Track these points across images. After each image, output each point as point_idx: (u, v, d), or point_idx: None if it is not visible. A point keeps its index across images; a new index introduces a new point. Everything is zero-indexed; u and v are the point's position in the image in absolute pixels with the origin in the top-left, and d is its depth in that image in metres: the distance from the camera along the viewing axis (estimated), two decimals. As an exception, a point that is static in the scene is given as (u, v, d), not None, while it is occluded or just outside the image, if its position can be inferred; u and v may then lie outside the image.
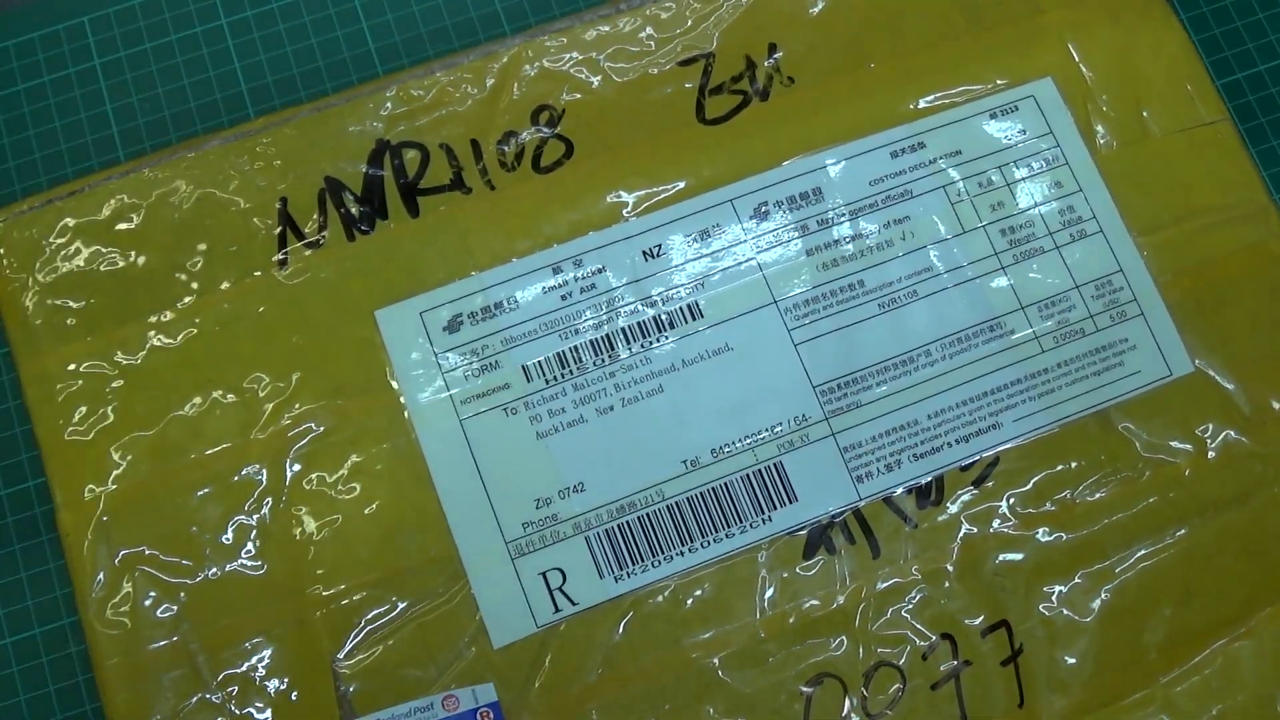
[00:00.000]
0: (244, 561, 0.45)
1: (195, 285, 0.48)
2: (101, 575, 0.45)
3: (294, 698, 0.44)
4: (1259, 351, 0.49)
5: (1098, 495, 0.47)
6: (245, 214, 0.48)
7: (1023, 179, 0.50)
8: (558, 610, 0.45)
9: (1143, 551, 0.47)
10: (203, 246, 0.48)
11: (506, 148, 0.49)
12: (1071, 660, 0.46)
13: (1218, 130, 0.50)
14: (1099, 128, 0.50)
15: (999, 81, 0.51)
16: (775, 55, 0.51)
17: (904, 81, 0.51)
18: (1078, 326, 0.49)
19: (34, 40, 0.57)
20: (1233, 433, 0.48)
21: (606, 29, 0.51)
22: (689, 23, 0.51)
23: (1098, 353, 0.48)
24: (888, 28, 0.51)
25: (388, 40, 0.56)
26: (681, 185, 0.49)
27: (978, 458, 0.47)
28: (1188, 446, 0.48)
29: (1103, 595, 0.47)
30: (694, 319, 0.48)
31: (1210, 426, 0.48)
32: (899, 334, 0.48)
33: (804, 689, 0.45)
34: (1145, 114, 0.50)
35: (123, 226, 0.48)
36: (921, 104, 0.51)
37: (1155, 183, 0.50)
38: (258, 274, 0.48)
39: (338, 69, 0.56)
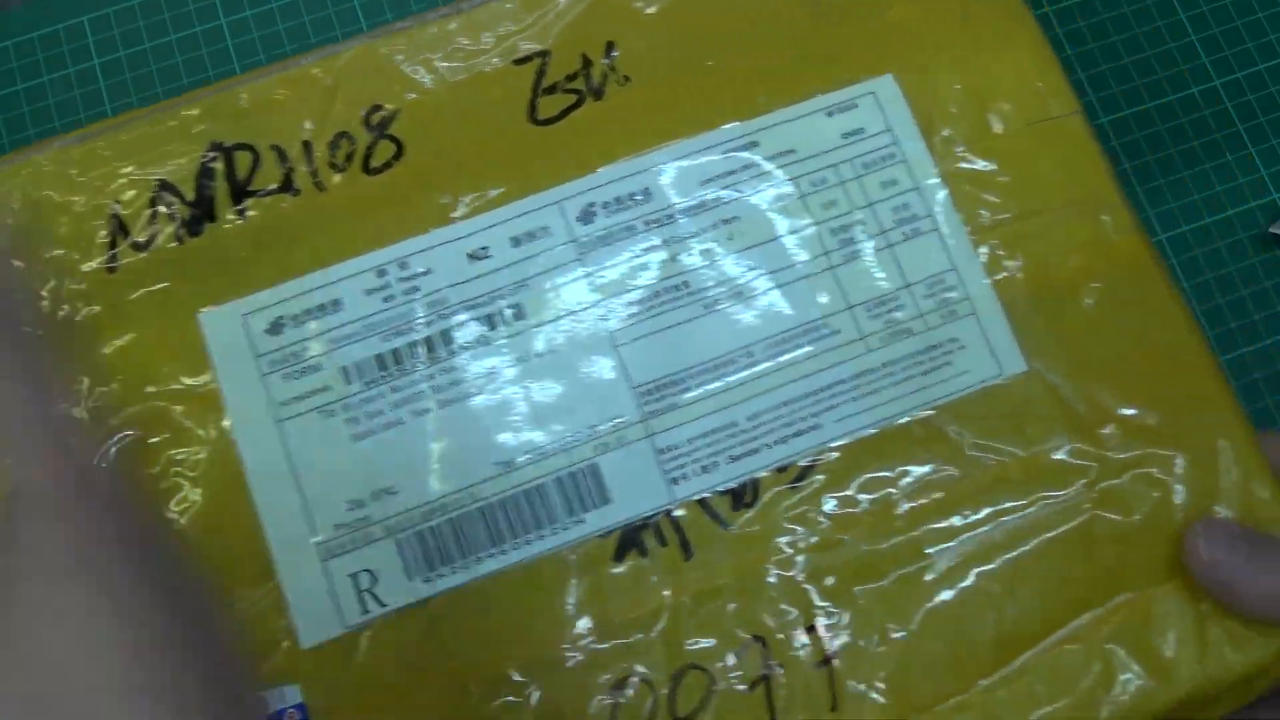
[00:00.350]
0: None
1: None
2: None
3: None
4: (1097, 351, 0.47)
5: (920, 498, 0.46)
6: (79, 217, 0.49)
7: (857, 177, 0.49)
8: (366, 611, 0.45)
9: (965, 554, 0.45)
10: (34, 249, 0.49)
11: (338, 149, 0.49)
12: (888, 664, 0.45)
13: (1068, 124, 0.49)
14: (941, 125, 0.49)
15: (841, 79, 0.50)
16: (613, 54, 0.50)
17: (742, 79, 0.50)
18: (906, 326, 0.48)
19: (34, 40, 0.58)
20: (1065, 434, 0.46)
21: (447, 28, 0.51)
22: (527, 21, 0.51)
23: (926, 352, 0.47)
24: (729, 25, 0.51)
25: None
26: (510, 187, 0.49)
27: (795, 460, 0.46)
28: (1016, 449, 0.46)
29: (922, 598, 0.45)
30: (516, 321, 0.48)
31: (1042, 427, 0.46)
32: (722, 335, 0.47)
33: (612, 690, 0.45)
34: (990, 111, 0.49)
35: None
36: (758, 102, 0.50)
37: (996, 179, 0.49)
38: (89, 278, 0.48)
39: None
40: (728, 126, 0.50)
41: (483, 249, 0.48)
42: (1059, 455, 0.47)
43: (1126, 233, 0.49)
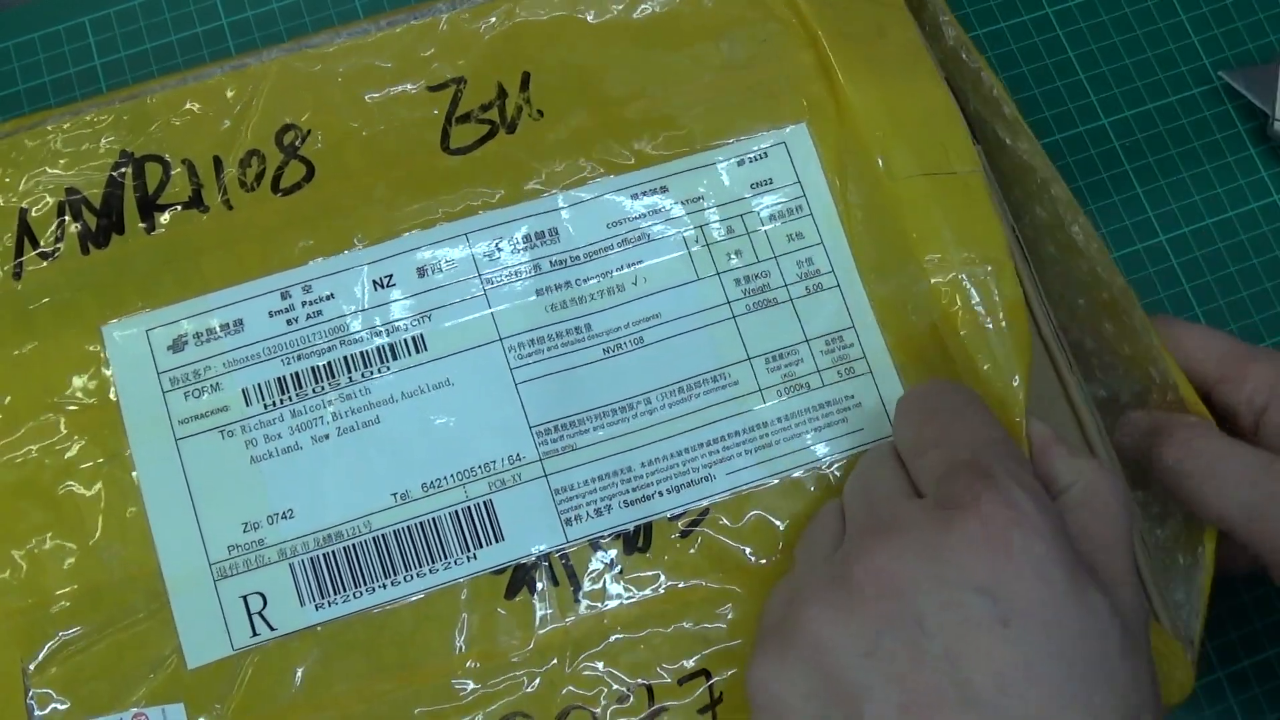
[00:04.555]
0: None
1: None
2: None
3: None
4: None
5: None
6: None
7: (763, 229, 0.50)
8: (255, 634, 0.46)
9: None
10: None
11: (248, 167, 0.49)
12: None
13: (966, 180, 0.49)
14: (848, 179, 0.50)
15: (754, 125, 0.50)
16: (528, 86, 0.50)
17: (654, 122, 0.50)
18: (804, 380, 0.48)
19: (34, 40, 0.57)
20: None
21: (360, 46, 0.51)
22: (447, 46, 0.51)
23: (821, 408, 0.48)
24: (645, 64, 0.51)
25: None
26: (419, 215, 0.49)
27: (687, 508, 0.47)
28: None
29: None
30: (417, 351, 0.48)
31: None
32: (621, 380, 0.48)
33: None
34: (893, 164, 0.50)
35: None
36: (670, 147, 0.50)
37: (894, 235, 0.49)
38: None
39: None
40: (638, 171, 0.50)
41: (388, 277, 0.49)
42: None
43: (1012, 300, 0.49)
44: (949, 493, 0.39)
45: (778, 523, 0.48)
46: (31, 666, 0.46)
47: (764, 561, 0.47)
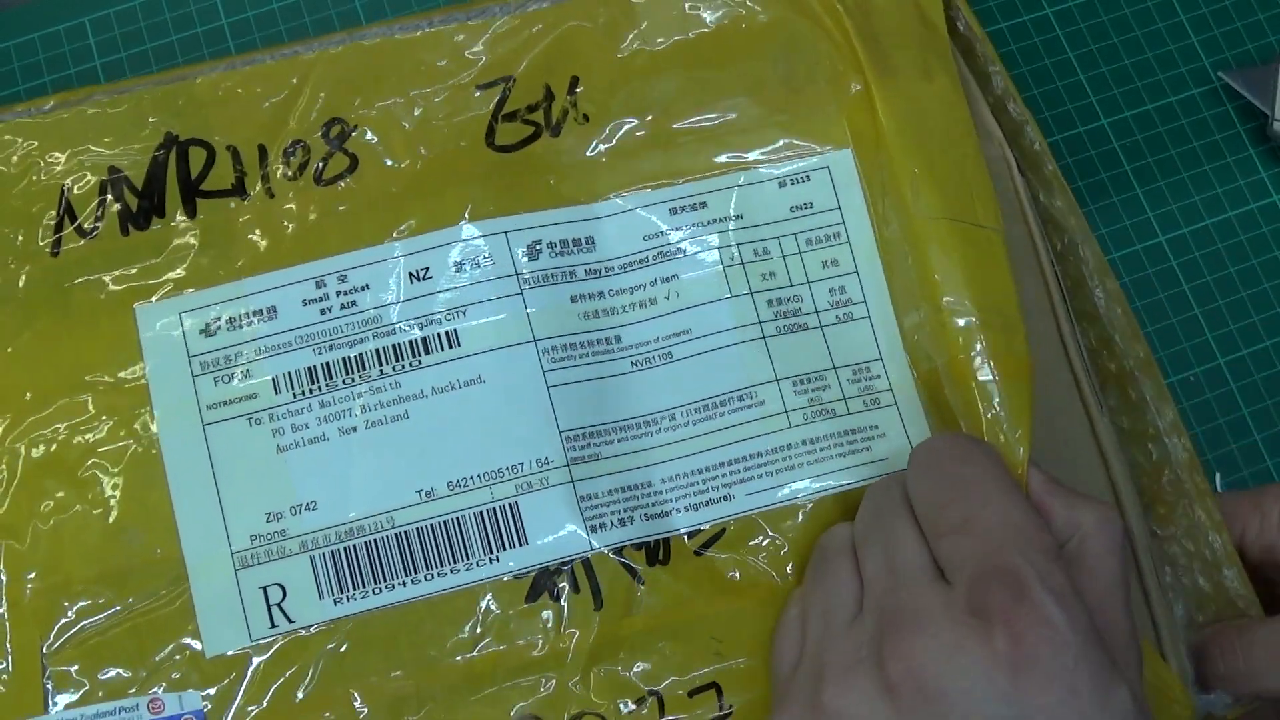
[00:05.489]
0: None
1: None
2: None
3: (1, 682, 0.45)
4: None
5: None
6: (26, 196, 0.48)
7: (800, 252, 0.50)
8: (274, 626, 0.46)
9: None
10: None
11: (293, 157, 0.49)
12: None
13: (989, 236, 0.50)
14: (886, 209, 0.50)
15: (798, 146, 0.50)
16: (576, 90, 0.50)
17: (700, 136, 0.50)
18: (829, 407, 0.49)
19: (34, 40, 0.57)
20: None
21: (412, 42, 0.50)
22: (497, 45, 0.50)
23: (845, 435, 0.49)
24: (695, 78, 0.51)
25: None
26: (459, 210, 0.49)
27: (705, 525, 0.48)
28: None
29: None
30: (450, 347, 0.48)
31: None
32: (647, 394, 0.48)
33: None
34: (921, 202, 0.50)
35: None
36: (713, 161, 0.50)
37: (922, 271, 0.50)
38: (30, 258, 0.48)
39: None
40: (679, 185, 0.50)
41: (424, 270, 0.49)
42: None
43: (1019, 360, 0.49)
44: (981, 603, 0.40)
45: (794, 546, 0.48)
46: (51, 647, 0.45)
47: (779, 582, 0.47)
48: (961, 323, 0.49)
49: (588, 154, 0.50)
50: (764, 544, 0.48)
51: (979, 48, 0.52)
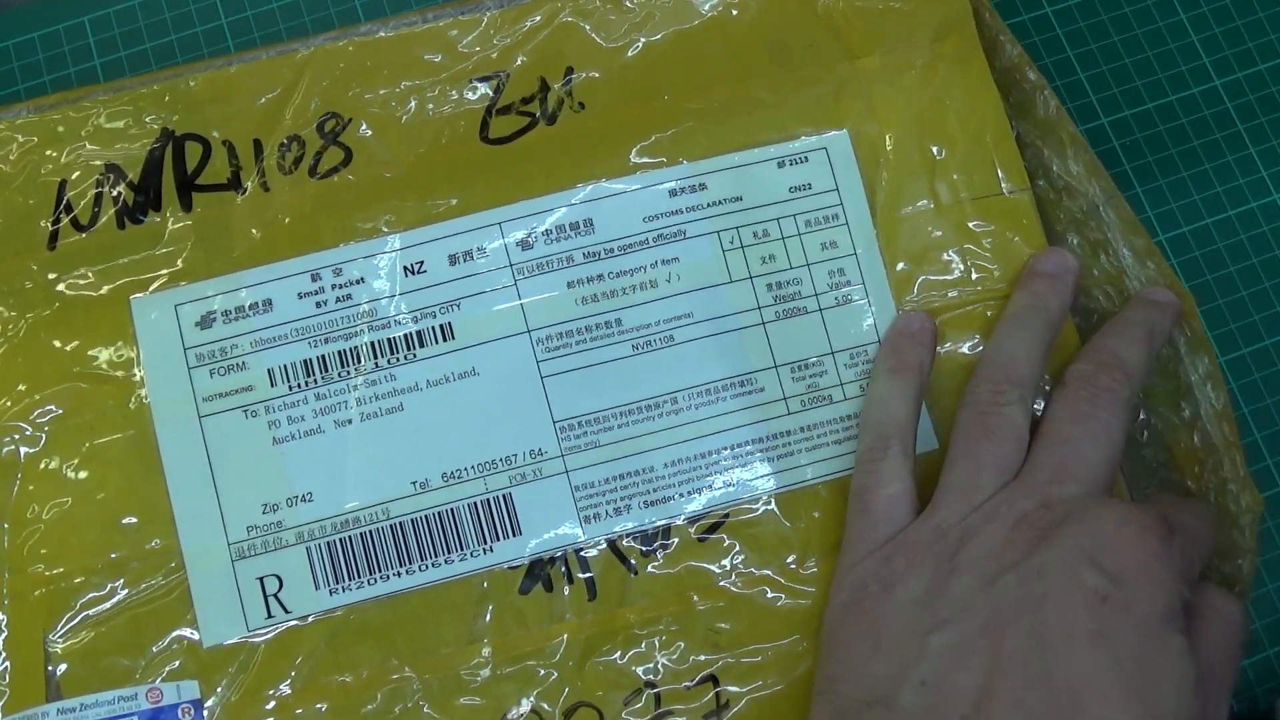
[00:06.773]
0: None
1: None
2: None
3: (3, 672, 0.45)
4: None
5: (823, 563, 0.47)
6: (23, 191, 0.49)
7: (799, 234, 0.49)
8: (270, 616, 0.46)
9: None
10: None
11: (288, 151, 0.49)
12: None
13: (1016, 201, 0.49)
14: (888, 190, 0.49)
15: (796, 128, 0.50)
16: (570, 78, 0.50)
17: (696, 118, 0.50)
18: (826, 393, 0.48)
19: (34, 40, 0.57)
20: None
21: (406, 38, 0.50)
22: (490, 38, 0.50)
23: (842, 421, 0.48)
24: (689, 62, 0.50)
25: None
26: (453, 203, 0.49)
27: (707, 512, 0.47)
28: None
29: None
30: (444, 340, 0.48)
31: None
32: (648, 377, 0.48)
33: (504, 718, 0.46)
34: (939, 180, 0.49)
35: None
36: (711, 144, 0.50)
37: (933, 255, 0.49)
38: (27, 252, 0.48)
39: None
40: (677, 166, 0.49)
41: (419, 263, 0.48)
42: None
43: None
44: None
45: (794, 532, 0.47)
46: (53, 637, 0.46)
47: (778, 570, 0.47)
48: (985, 302, 0.49)
49: (584, 140, 0.49)
50: (764, 530, 0.47)
51: (987, 16, 0.51)
